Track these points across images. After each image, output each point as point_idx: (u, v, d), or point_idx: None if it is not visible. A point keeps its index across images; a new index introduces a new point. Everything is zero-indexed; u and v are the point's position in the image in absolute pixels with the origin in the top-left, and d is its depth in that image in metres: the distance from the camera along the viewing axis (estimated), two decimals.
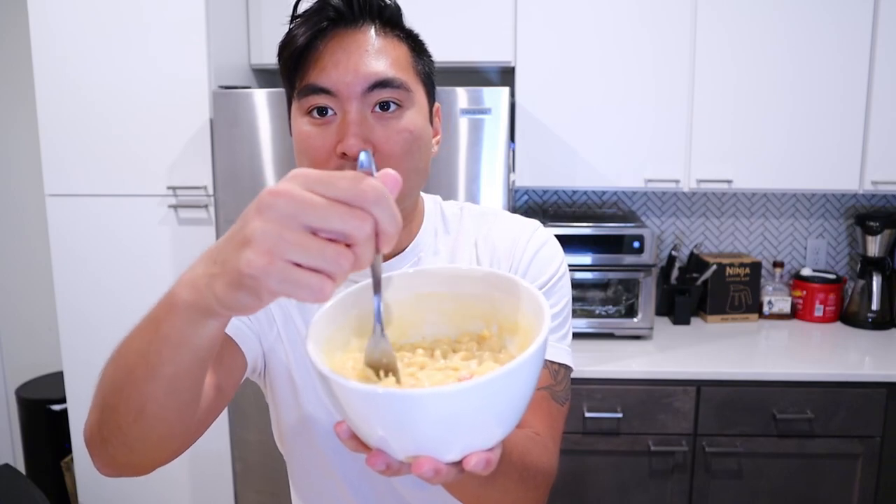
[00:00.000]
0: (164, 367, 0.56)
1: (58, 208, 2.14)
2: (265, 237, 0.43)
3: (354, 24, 0.74)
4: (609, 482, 2.05)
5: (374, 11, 0.75)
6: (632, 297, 2.22)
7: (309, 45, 0.74)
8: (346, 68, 0.73)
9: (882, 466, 2.00)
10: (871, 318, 2.37)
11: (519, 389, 0.50)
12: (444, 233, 0.90)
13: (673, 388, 1.99)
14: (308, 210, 0.43)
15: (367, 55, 0.73)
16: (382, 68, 0.74)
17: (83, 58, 2.06)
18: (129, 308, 2.17)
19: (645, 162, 2.23)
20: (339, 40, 0.73)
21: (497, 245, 0.88)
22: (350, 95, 0.73)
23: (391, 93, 0.74)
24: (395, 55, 0.76)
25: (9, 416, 2.74)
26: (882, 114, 2.16)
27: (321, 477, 0.90)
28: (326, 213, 0.43)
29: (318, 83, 0.73)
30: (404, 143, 0.75)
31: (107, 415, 0.62)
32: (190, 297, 0.50)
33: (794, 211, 2.57)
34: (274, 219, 0.43)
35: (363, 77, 0.73)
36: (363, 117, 0.73)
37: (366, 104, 0.74)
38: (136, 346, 0.58)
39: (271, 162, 2.03)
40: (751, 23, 2.15)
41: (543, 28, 2.20)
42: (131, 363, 0.58)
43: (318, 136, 0.74)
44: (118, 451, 0.64)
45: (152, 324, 0.55)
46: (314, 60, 0.74)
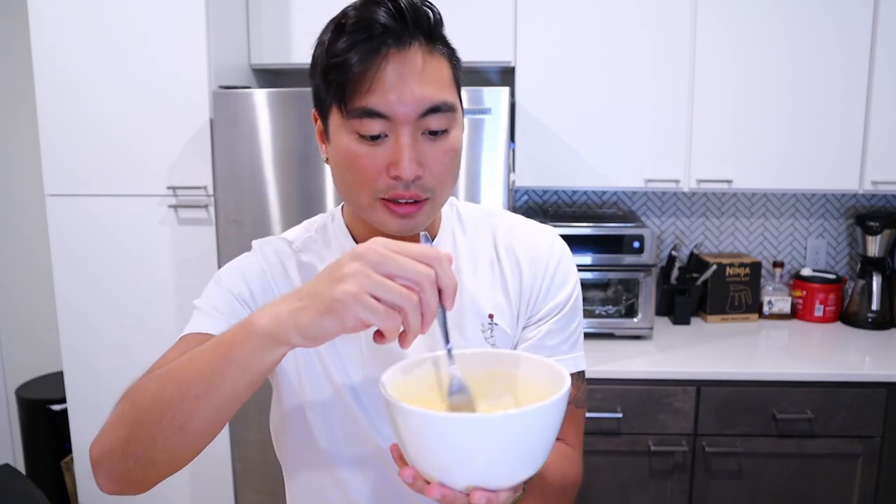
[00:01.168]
0: (223, 387, 0.64)
1: (58, 208, 2.14)
2: (357, 275, 0.58)
3: (404, 43, 0.73)
4: (609, 482, 2.05)
5: (424, 28, 0.75)
6: (632, 297, 2.22)
7: (363, 67, 0.72)
8: (400, 93, 0.73)
9: (882, 466, 2.00)
10: (871, 318, 2.37)
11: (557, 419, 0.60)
12: (462, 232, 0.92)
13: (673, 388, 1.99)
14: (389, 260, 0.58)
15: (419, 79, 0.74)
16: (433, 93, 0.75)
17: (83, 58, 2.06)
18: (129, 308, 2.18)
19: (645, 162, 2.23)
20: (391, 62, 0.73)
21: (518, 253, 0.90)
22: (405, 120, 0.74)
23: (441, 118, 0.76)
24: (441, 76, 0.76)
25: (9, 416, 2.74)
26: (882, 114, 2.16)
27: (314, 465, 0.90)
28: (402, 264, 0.59)
29: (373, 107, 0.73)
30: (450, 161, 0.78)
31: (141, 430, 0.67)
32: (269, 326, 0.61)
33: (794, 211, 2.57)
34: (364, 264, 0.58)
35: (417, 103, 0.74)
36: (416, 141, 0.75)
37: (417, 127, 0.75)
38: (196, 366, 0.65)
39: (271, 162, 2.03)
40: (751, 23, 2.15)
41: (543, 28, 2.20)
42: (187, 381, 0.65)
43: (368, 156, 0.75)
44: (138, 465, 0.68)
45: (222, 347, 0.63)
46: (367, 83, 0.72)
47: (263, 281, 0.87)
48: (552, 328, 0.88)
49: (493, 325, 0.87)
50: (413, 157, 0.74)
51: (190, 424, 0.65)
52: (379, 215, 0.78)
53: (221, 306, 0.84)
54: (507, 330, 0.88)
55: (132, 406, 0.69)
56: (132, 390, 0.71)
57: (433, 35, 0.76)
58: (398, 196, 0.76)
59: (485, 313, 0.88)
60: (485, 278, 0.89)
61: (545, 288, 0.89)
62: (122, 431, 0.69)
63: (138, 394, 0.69)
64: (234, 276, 0.87)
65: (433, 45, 0.76)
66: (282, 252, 0.90)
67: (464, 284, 0.87)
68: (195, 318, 0.84)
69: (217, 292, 0.86)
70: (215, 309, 0.83)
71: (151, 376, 0.69)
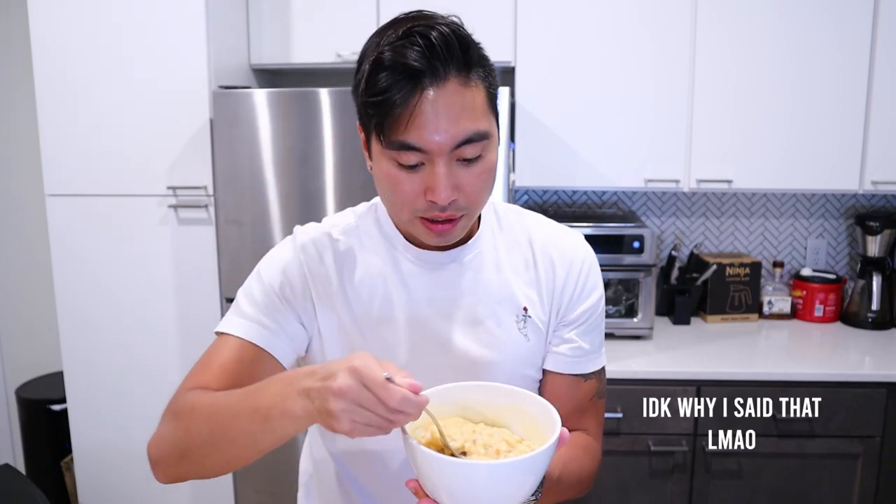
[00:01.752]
0: (262, 444, 0.75)
1: (58, 208, 2.14)
2: (346, 415, 0.66)
3: (439, 79, 0.77)
4: (609, 482, 2.05)
5: (457, 58, 0.78)
6: (632, 297, 2.22)
7: (400, 106, 0.77)
8: (435, 129, 0.77)
9: (882, 466, 2.00)
10: (871, 318, 2.37)
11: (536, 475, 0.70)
12: (499, 230, 0.97)
13: (673, 388, 1.99)
14: (373, 407, 0.65)
15: (455, 114, 0.78)
16: (467, 126, 0.78)
17: (83, 58, 2.06)
18: (129, 308, 2.18)
19: (645, 162, 2.23)
20: (427, 99, 0.77)
21: (553, 255, 0.96)
22: (440, 152, 0.78)
23: (475, 147, 0.80)
24: (476, 105, 0.80)
25: (9, 416, 2.74)
26: (882, 114, 2.16)
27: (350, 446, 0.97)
28: (381, 411, 0.66)
29: (410, 142, 0.78)
30: (483, 182, 0.83)
31: (192, 456, 0.80)
32: (301, 412, 0.69)
33: (794, 211, 2.57)
34: (349, 403, 0.66)
35: (451, 137, 0.78)
36: (451, 169, 0.80)
37: (452, 157, 0.79)
38: (241, 427, 0.74)
39: (271, 162, 2.03)
40: (751, 23, 2.15)
41: (543, 28, 2.20)
42: (233, 436, 0.75)
43: (406, 182, 0.81)
44: (190, 472, 0.82)
45: (260, 417, 0.72)
46: (405, 120, 0.77)
47: (301, 273, 0.92)
48: (586, 330, 0.96)
49: (527, 317, 0.93)
50: (448, 184, 0.79)
51: (235, 462, 0.79)
52: (418, 229, 0.85)
53: (261, 303, 0.90)
54: (539, 324, 0.94)
55: (185, 434, 0.80)
56: (184, 412, 0.82)
57: (468, 63, 0.80)
58: (435, 217, 0.82)
59: (520, 305, 0.93)
60: (520, 274, 0.95)
61: (578, 291, 0.95)
62: (177, 450, 0.81)
63: (191, 423, 0.80)
64: (273, 273, 0.92)
65: (469, 73, 0.80)
66: (319, 242, 0.94)
67: (501, 277, 0.93)
68: (235, 314, 0.90)
69: (258, 289, 0.91)
70: (255, 308, 0.89)
71: (202, 409, 0.80)
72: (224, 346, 0.88)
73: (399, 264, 0.92)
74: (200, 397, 0.82)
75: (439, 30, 0.77)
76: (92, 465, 2.27)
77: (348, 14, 2.23)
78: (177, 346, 2.18)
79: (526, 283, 0.94)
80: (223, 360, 0.87)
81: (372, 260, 0.93)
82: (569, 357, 0.95)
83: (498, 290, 0.93)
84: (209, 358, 0.89)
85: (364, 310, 0.92)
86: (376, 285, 0.92)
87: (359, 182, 2.01)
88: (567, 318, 0.95)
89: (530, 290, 0.94)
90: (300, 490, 1.09)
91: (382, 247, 0.93)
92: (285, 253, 0.93)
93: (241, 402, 0.76)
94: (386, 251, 0.93)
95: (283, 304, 0.90)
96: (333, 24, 2.25)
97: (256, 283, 0.92)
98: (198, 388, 0.85)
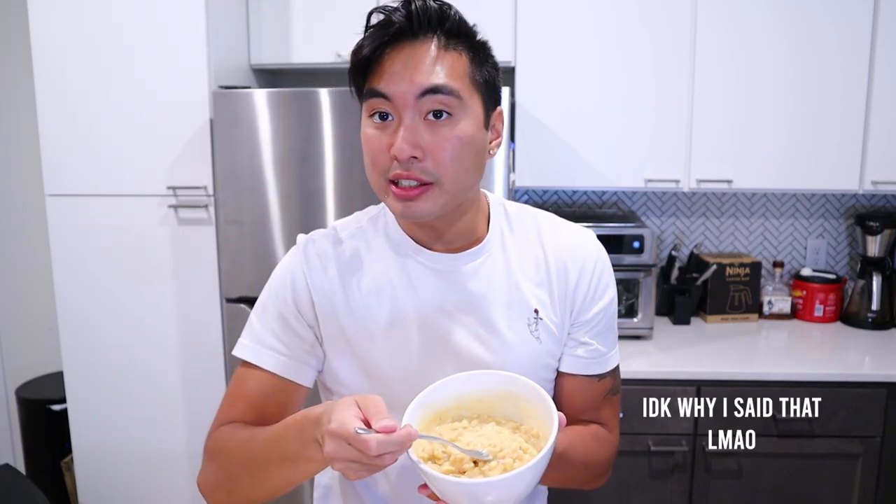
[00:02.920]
0: (296, 480, 0.82)
1: (58, 208, 2.14)
2: (338, 461, 0.71)
3: (416, 38, 0.81)
4: (609, 482, 2.04)
5: (435, 24, 0.82)
6: (632, 297, 2.22)
7: (373, 55, 0.82)
8: (401, 77, 0.80)
9: (882, 466, 2.00)
10: (871, 318, 2.37)
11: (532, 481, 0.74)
12: (510, 231, 0.97)
13: (673, 388, 1.99)
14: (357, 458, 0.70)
15: (423, 66, 0.80)
16: (435, 78, 0.81)
17: (83, 58, 2.06)
18: (129, 308, 2.18)
19: (645, 162, 2.23)
20: (400, 52, 0.81)
21: (565, 255, 0.95)
22: (404, 103, 0.81)
23: (441, 100, 0.81)
24: (450, 65, 0.82)
25: (9, 416, 2.74)
26: (882, 114, 2.16)
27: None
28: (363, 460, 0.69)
29: (377, 88, 0.81)
30: (453, 150, 0.82)
31: (240, 491, 0.87)
32: (322, 458, 0.73)
33: (794, 211, 2.57)
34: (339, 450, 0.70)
35: (416, 85, 0.80)
36: (415, 124, 0.81)
37: (418, 111, 0.81)
38: (275, 471, 0.81)
39: (271, 162, 2.03)
40: (751, 23, 2.15)
41: (543, 28, 2.20)
42: (271, 477, 0.82)
43: (376, 139, 0.83)
44: (235, 499, 0.89)
45: (290, 463, 0.79)
46: (377, 69, 0.82)
47: (307, 288, 0.93)
48: (601, 331, 0.96)
49: (539, 319, 0.93)
50: (407, 137, 0.80)
51: (279, 491, 0.85)
52: (389, 200, 0.85)
53: (278, 329, 0.92)
54: (551, 326, 0.94)
55: (226, 475, 0.88)
56: (219, 452, 0.89)
57: (449, 32, 0.83)
58: (398, 176, 0.82)
59: (531, 308, 0.93)
60: (531, 275, 0.94)
61: (591, 292, 0.95)
62: (224, 488, 0.88)
63: (229, 465, 0.87)
64: (283, 289, 0.93)
65: (450, 41, 0.83)
66: (324, 253, 0.94)
67: (511, 280, 0.93)
68: (254, 340, 0.92)
69: (272, 312, 0.93)
70: (273, 335, 0.92)
71: (235, 451, 0.87)
72: (249, 378, 0.92)
73: (407, 268, 0.92)
74: (231, 437, 0.88)
75: (428, 1, 0.82)
76: (92, 465, 2.27)
77: (348, 14, 2.23)
78: (177, 346, 2.18)
79: (537, 284, 0.94)
80: (249, 394, 0.91)
81: (380, 265, 0.93)
82: (586, 359, 0.96)
83: (508, 294, 0.92)
84: (236, 391, 0.93)
85: (373, 316, 0.92)
86: (384, 290, 0.92)
87: (359, 182, 2.01)
88: (581, 319, 0.95)
89: (541, 292, 0.94)
90: (316, 501, 1.09)
91: (391, 251, 0.93)
92: (293, 266, 0.94)
93: (268, 450, 0.82)
94: (394, 255, 0.93)
95: (298, 324, 0.92)
96: (333, 24, 2.25)
97: (271, 304, 0.93)
98: (228, 422, 0.91)
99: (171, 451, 2.23)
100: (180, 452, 2.24)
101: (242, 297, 2.08)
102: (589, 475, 0.98)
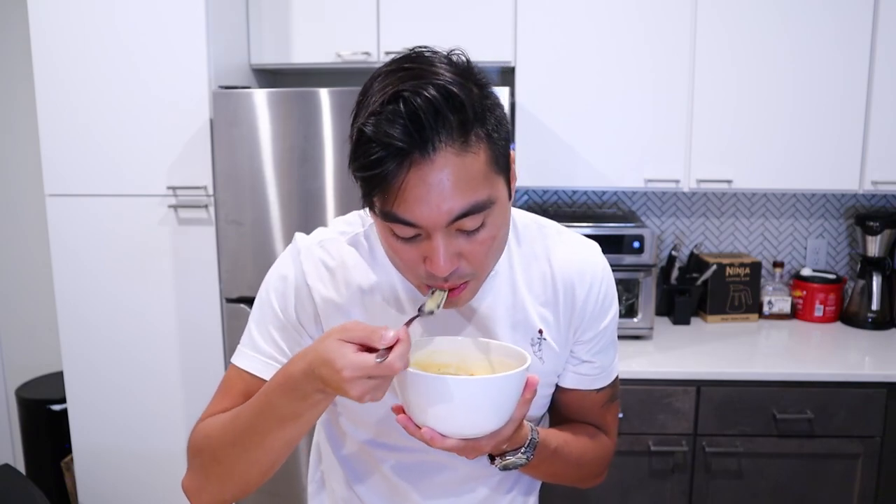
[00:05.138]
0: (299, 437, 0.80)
1: (58, 208, 2.14)
2: (353, 386, 0.70)
3: (428, 151, 0.69)
4: (609, 482, 2.05)
5: (450, 128, 0.70)
6: (632, 297, 2.22)
7: (387, 181, 0.71)
8: (426, 203, 0.71)
9: (882, 466, 2.00)
10: (871, 318, 2.37)
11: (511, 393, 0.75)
12: (517, 244, 0.93)
13: (673, 388, 1.99)
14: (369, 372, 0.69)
15: (447, 190, 0.71)
16: (464, 199, 0.72)
17: (83, 58, 2.06)
18: (129, 308, 2.18)
19: (645, 162, 2.23)
20: (414, 175, 0.70)
21: (572, 274, 0.92)
22: (434, 227, 0.73)
23: (473, 219, 0.74)
24: (473, 174, 0.72)
25: (9, 416, 2.74)
26: (882, 114, 2.16)
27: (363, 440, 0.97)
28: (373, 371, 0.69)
29: (402, 216, 0.72)
30: (488, 249, 0.78)
31: (233, 477, 0.84)
32: (317, 401, 0.75)
33: (794, 211, 2.57)
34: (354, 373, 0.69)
35: (446, 213, 0.72)
36: (449, 241, 0.74)
37: (450, 229, 0.74)
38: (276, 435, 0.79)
39: (271, 162, 2.03)
40: (751, 23, 2.15)
41: (543, 28, 2.20)
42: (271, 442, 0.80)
43: (405, 251, 0.77)
44: (232, 492, 0.86)
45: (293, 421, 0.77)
46: (393, 195, 0.71)
47: (308, 293, 0.89)
48: (604, 347, 0.95)
49: (542, 339, 0.91)
50: (447, 256, 0.74)
51: (272, 463, 0.83)
52: (426, 292, 0.81)
53: (272, 337, 0.90)
54: (554, 346, 0.92)
55: (215, 462, 0.84)
56: (202, 444, 0.86)
57: (464, 127, 0.71)
58: (438, 286, 0.78)
59: (535, 328, 0.91)
60: (537, 293, 0.91)
61: (597, 310, 0.93)
62: (215, 477, 0.86)
63: (217, 450, 0.84)
64: (281, 297, 0.90)
65: (466, 137, 0.71)
66: (326, 262, 0.90)
67: (517, 300, 0.90)
68: (249, 347, 0.90)
69: (268, 317, 0.90)
70: (266, 341, 0.90)
71: (220, 436, 0.84)
72: (238, 380, 0.90)
73: (410, 285, 0.87)
74: (213, 425, 0.85)
75: (428, 95, 0.68)
76: (92, 465, 2.27)
77: (348, 14, 2.23)
78: (177, 345, 2.18)
79: (542, 303, 0.91)
80: (236, 394, 0.89)
81: (382, 279, 0.89)
82: (589, 376, 0.96)
83: (513, 314, 0.90)
84: (225, 389, 0.91)
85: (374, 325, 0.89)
86: (390, 302, 0.89)
87: None
88: (586, 337, 0.94)
89: (546, 311, 0.91)
90: (310, 499, 1.08)
91: (392, 266, 0.89)
92: (293, 275, 0.90)
93: (259, 419, 0.79)
94: (396, 271, 0.88)
95: (295, 331, 0.89)
96: (333, 24, 2.25)
97: (268, 311, 0.90)
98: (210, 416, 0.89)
99: (171, 451, 2.23)
100: (180, 452, 2.23)
101: (242, 297, 2.09)
102: (582, 474, 0.98)
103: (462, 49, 0.76)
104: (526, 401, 0.77)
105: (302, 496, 2.18)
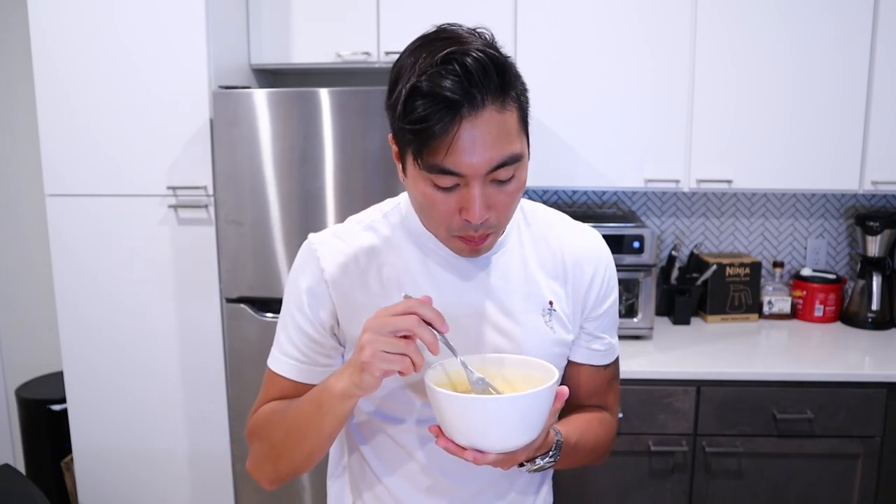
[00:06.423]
0: (325, 429, 0.89)
1: (58, 208, 2.14)
2: (369, 344, 0.79)
3: (476, 106, 0.78)
4: (609, 482, 2.05)
5: (494, 84, 0.79)
6: (632, 297, 2.22)
7: (439, 134, 0.78)
8: (472, 155, 0.79)
9: (882, 466, 2.00)
10: (871, 318, 2.37)
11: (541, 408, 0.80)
12: (526, 226, 1.01)
13: (673, 388, 1.99)
14: (385, 324, 0.79)
15: (491, 141, 0.79)
16: (503, 150, 0.81)
17: (83, 58, 2.06)
18: (129, 308, 2.18)
19: (645, 162, 2.23)
20: (465, 127, 0.78)
21: (578, 253, 1.00)
22: (475, 175, 0.81)
23: (508, 169, 0.82)
24: (511, 129, 0.82)
25: (9, 416, 2.74)
26: (882, 114, 2.16)
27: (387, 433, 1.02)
28: (393, 322, 0.79)
29: (448, 167, 0.80)
30: (514, 200, 0.87)
31: (282, 458, 0.94)
32: (339, 388, 0.84)
33: (794, 211, 2.57)
34: (371, 333, 0.79)
35: (488, 162, 0.80)
36: (486, 190, 0.83)
37: (486, 179, 0.82)
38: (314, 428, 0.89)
39: (271, 162, 2.03)
40: (751, 23, 2.15)
41: (543, 28, 2.20)
42: (302, 435, 0.91)
43: (442, 202, 0.84)
44: (285, 472, 0.96)
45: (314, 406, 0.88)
46: (444, 148, 0.78)
47: (325, 291, 0.95)
48: (610, 324, 1.04)
49: (553, 310, 0.98)
50: (483, 205, 0.82)
51: (313, 452, 0.93)
52: (453, 245, 0.90)
53: (301, 341, 0.96)
54: (563, 318, 0.99)
55: (270, 445, 0.95)
56: (260, 427, 0.97)
57: (504, 88, 0.80)
58: (469, 236, 0.86)
59: (545, 299, 0.97)
60: (546, 269, 0.99)
61: (605, 288, 1.01)
62: (270, 459, 0.96)
63: (271, 433, 0.95)
64: (300, 300, 0.96)
65: (505, 97, 0.81)
66: (340, 253, 0.96)
67: (528, 274, 0.97)
68: (280, 351, 0.98)
69: (289, 317, 0.97)
70: (295, 346, 0.96)
71: (275, 424, 0.95)
72: (274, 382, 0.98)
73: (427, 263, 0.94)
74: (269, 411, 0.96)
75: (475, 56, 0.78)
76: (92, 465, 2.27)
77: (348, 14, 2.23)
78: (176, 346, 2.18)
79: (552, 277, 0.98)
80: (274, 396, 0.99)
81: (399, 257, 0.95)
82: (601, 352, 1.04)
83: (525, 287, 0.96)
84: (265, 393, 1.00)
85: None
86: (404, 283, 0.94)
87: (359, 182, 2.01)
88: (595, 314, 1.01)
89: (556, 285, 0.98)
90: (330, 488, 1.11)
91: (411, 244, 0.95)
92: (309, 276, 0.96)
93: (306, 407, 0.90)
94: (415, 248, 0.95)
95: (317, 333, 0.95)
96: (333, 24, 2.25)
97: (288, 315, 0.97)
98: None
99: (171, 451, 2.23)
100: (180, 452, 2.24)
101: (242, 297, 2.09)
102: (595, 456, 1.05)
103: (485, 26, 0.85)
104: (556, 410, 0.83)
105: (302, 495, 2.18)
